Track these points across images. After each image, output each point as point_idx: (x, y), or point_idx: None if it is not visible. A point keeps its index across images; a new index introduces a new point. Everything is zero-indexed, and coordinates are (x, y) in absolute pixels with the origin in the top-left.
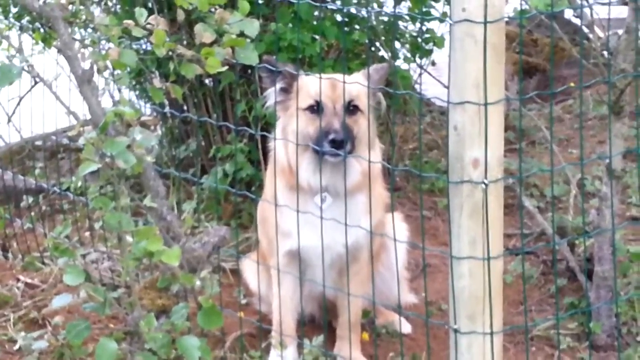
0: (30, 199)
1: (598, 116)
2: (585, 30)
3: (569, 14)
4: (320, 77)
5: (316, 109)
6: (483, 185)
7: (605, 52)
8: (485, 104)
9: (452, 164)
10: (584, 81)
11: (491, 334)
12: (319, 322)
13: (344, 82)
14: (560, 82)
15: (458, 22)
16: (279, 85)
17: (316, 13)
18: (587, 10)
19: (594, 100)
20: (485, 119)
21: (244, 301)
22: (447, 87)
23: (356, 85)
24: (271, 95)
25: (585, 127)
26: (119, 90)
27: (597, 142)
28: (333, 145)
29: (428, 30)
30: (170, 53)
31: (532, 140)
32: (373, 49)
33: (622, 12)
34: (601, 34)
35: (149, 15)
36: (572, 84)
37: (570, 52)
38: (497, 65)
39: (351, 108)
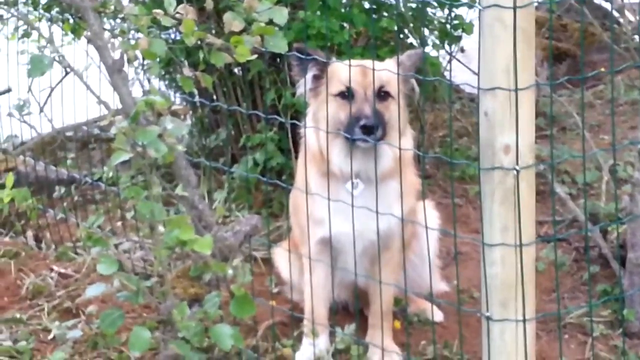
0: (63, 190)
1: (629, 101)
2: (616, 14)
3: None
4: (350, 64)
5: (347, 95)
6: (514, 172)
7: (636, 37)
8: (516, 90)
9: (483, 151)
10: (615, 66)
11: (524, 321)
12: (351, 310)
13: (374, 69)
14: (590, 67)
15: (487, 8)
16: (311, 73)
17: (344, 0)
18: None
19: (625, 85)
20: (516, 105)
21: (275, 290)
22: (477, 73)
23: (387, 71)
24: (303, 83)
25: (617, 113)
26: (149, 80)
27: (629, 127)
28: (364, 132)
29: (456, 17)
30: (199, 42)
31: (563, 126)
32: (402, 36)
33: None
34: (632, 18)
35: (177, 5)
36: (602, 69)
37: (601, 37)
38: (527, 51)
39: (382, 94)
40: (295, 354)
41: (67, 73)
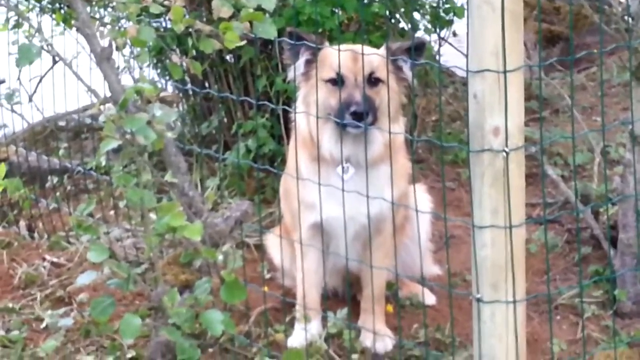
0: (55, 179)
1: (622, 83)
2: None
3: None
4: (339, 49)
5: (337, 81)
6: (504, 154)
7: (626, 18)
8: (505, 72)
9: (472, 133)
10: (606, 48)
11: (514, 302)
12: (343, 295)
13: (363, 54)
14: (583, 49)
15: None
16: (303, 57)
17: None
18: None
19: (618, 67)
20: (504, 87)
21: (267, 276)
22: (466, 56)
23: (377, 56)
24: (295, 67)
25: (609, 95)
26: (140, 67)
27: (622, 109)
28: (354, 117)
29: (448, 1)
30: (188, 29)
31: (556, 109)
32: (393, 20)
33: None
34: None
35: None
36: (595, 51)
37: (592, 19)
38: (515, 32)
39: (373, 80)
40: (288, 339)
41: (55, 62)
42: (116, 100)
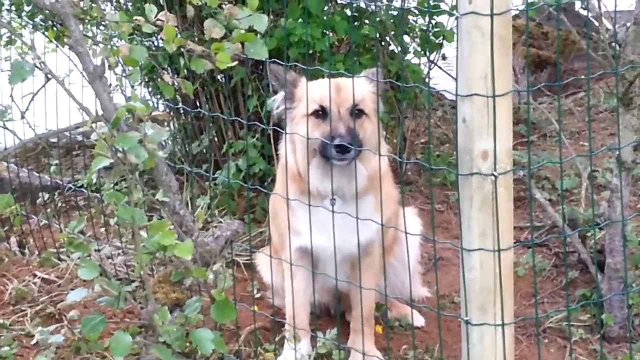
0: (46, 196)
1: (609, 109)
2: (594, 22)
3: (579, 6)
4: (319, 82)
5: (321, 113)
6: (492, 177)
7: (613, 44)
8: (494, 96)
9: (461, 156)
10: (593, 74)
11: (502, 325)
12: (333, 314)
13: (329, 79)
14: (571, 75)
15: (465, 15)
16: (283, 93)
17: (326, 8)
18: (595, 3)
19: (605, 92)
20: (493, 111)
21: (257, 295)
22: (455, 80)
23: (360, 88)
24: (275, 103)
25: (596, 120)
26: (132, 86)
27: (609, 134)
28: (338, 150)
29: (437, 24)
30: (180, 49)
31: (544, 133)
32: (383, 43)
33: (631, 4)
34: (609, 26)
35: (159, 12)
36: (582, 77)
37: (580, 45)
38: (504, 57)
39: (356, 112)
40: (277, 359)
41: (48, 79)
42: (108, 118)
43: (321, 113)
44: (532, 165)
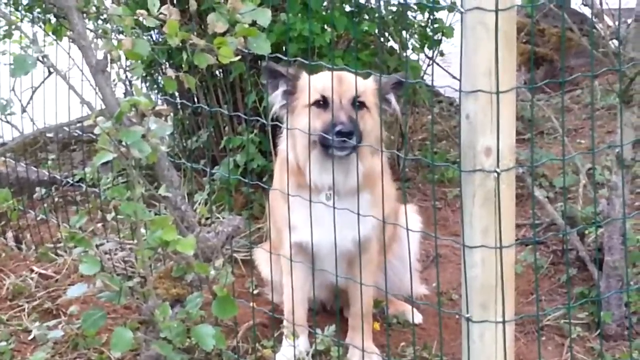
0: (43, 191)
1: (606, 106)
2: (592, 18)
3: (575, 3)
4: (328, 72)
5: (322, 103)
6: (495, 174)
7: (614, 41)
8: (498, 92)
9: (464, 153)
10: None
11: (503, 322)
12: (332, 309)
13: (331, 72)
14: (568, 72)
15: (470, 10)
16: (282, 88)
17: (325, 3)
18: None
19: (603, 90)
20: (497, 107)
21: (256, 291)
22: (459, 77)
23: (362, 81)
24: (276, 98)
25: (594, 117)
26: (130, 81)
27: (606, 132)
28: (340, 137)
29: (437, 20)
30: (182, 43)
31: (541, 130)
32: (382, 39)
33: (631, 1)
34: (610, 23)
35: (161, 6)
36: (586, 74)
37: (578, 42)
38: (508, 54)
39: (357, 104)
40: (276, 355)
41: (50, 73)
42: (111, 112)
43: (322, 103)
44: (533, 163)
